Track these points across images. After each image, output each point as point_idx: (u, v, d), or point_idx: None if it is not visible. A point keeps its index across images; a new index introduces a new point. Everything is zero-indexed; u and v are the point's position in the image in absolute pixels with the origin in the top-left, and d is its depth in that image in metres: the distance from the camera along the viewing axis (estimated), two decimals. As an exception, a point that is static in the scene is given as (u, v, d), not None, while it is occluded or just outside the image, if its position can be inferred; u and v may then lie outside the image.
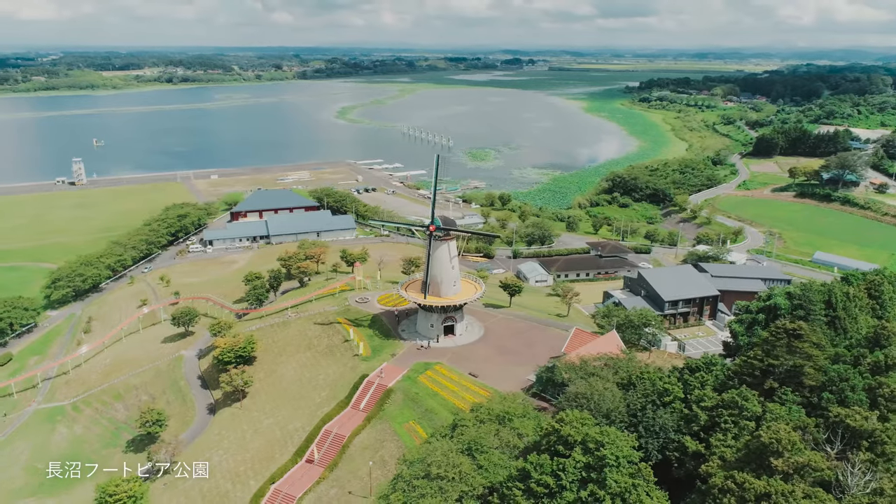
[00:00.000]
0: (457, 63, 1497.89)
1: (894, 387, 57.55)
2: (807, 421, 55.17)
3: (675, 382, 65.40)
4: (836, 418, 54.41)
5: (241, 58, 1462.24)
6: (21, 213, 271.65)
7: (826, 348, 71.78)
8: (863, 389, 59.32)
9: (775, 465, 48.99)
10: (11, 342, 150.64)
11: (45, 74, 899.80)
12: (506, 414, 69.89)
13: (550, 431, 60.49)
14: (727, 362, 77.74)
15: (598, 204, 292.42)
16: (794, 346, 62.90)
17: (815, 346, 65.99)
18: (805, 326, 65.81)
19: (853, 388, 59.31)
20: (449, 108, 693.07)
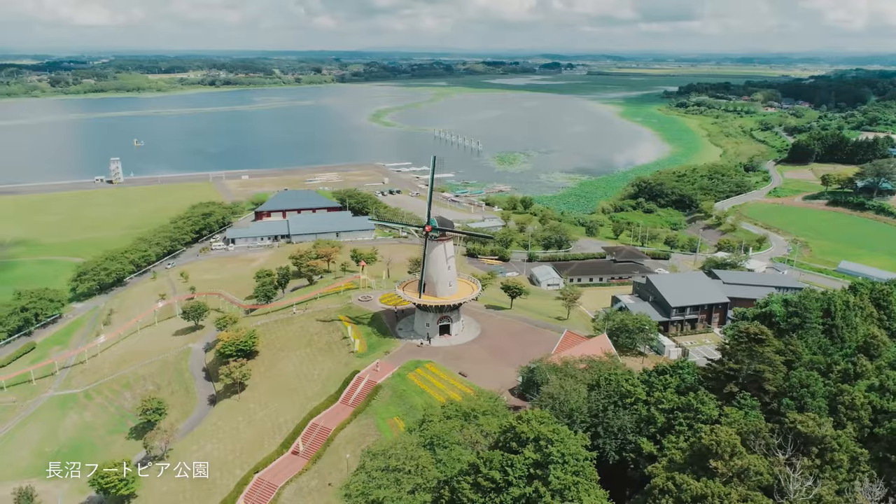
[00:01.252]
0: (494, 67, 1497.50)
1: (855, 395, 56.49)
2: (760, 426, 54.63)
3: (638, 384, 65.31)
4: (791, 424, 53.79)
5: (282, 61, 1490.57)
6: (59, 209, 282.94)
7: (803, 355, 70.64)
8: (823, 396, 58.35)
9: (715, 468, 48.84)
10: (37, 332, 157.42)
11: (95, 77, 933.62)
12: (472, 411, 70.78)
13: (507, 429, 61.17)
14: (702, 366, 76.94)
15: (622, 209, 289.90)
16: (754, 351, 62.16)
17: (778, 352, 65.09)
18: (767, 331, 64.93)
19: (813, 394, 58.38)
20: (483, 112, 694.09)
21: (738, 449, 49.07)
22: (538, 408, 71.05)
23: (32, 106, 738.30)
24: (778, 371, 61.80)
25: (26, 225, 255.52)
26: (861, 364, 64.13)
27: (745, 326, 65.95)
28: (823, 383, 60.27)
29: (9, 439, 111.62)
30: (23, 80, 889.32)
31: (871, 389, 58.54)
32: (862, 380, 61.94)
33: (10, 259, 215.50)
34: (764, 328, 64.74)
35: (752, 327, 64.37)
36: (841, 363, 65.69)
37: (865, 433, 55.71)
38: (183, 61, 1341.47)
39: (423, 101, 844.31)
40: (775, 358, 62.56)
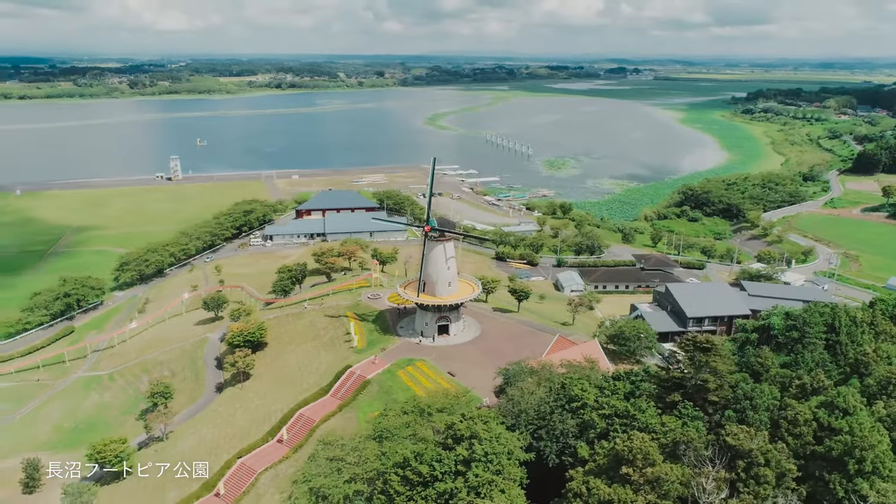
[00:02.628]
0: (558, 71, 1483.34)
1: (800, 411, 54.33)
2: (692, 436, 53.42)
3: (589, 389, 64.69)
4: (727, 435, 52.47)
5: (348, 65, 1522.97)
6: (121, 203, 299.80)
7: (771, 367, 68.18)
8: (766, 410, 56.30)
9: (627, 474, 48.31)
10: (79, 317, 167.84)
11: (170, 80, 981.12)
12: (427, 407, 71.74)
13: (449, 426, 62.12)
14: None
15: (666, 217, 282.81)
16: (698, 361, 60.48)
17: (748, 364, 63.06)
18: (715, 340, 62.96)
19: (755, 407, 56.42)
20: (539, 117, 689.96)
21: (651, 457, 48.32)
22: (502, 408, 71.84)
23: (112, 106, 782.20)
24: (724, 382, 60.00)
25: (89, 217, 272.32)
26: (819, 380, 61.39)
27: (693, 335, 64.31)
28: (773, 397, 58.12)
29: (34, 414, 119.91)
30: (104, 82, 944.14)
31: (823, 406, 56.08)
32: (819, 395, 59.33)
33: (68, 249, 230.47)
34: (711, 338, 62.92)
35: (699, 336, 62.72)
36: (804, 378, 63.06)
37: (808, 450, 53.52)
38: (254, 65, 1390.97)
39: (480, 104, 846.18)
40: (722, 368, 60.73)
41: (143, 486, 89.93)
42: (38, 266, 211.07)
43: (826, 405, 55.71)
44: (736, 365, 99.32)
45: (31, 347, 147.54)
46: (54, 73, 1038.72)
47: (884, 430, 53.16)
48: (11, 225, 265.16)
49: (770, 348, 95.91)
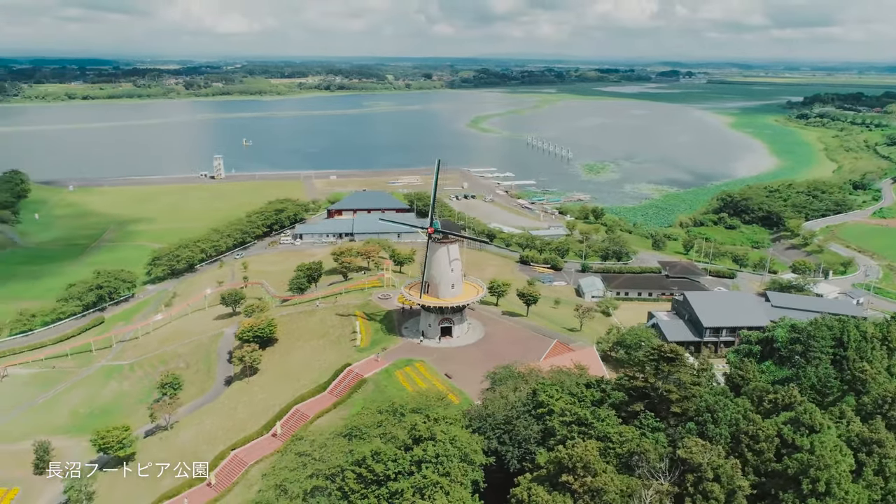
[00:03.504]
0: (608, 74, 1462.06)
1: (762, 426, 52.39)
2: (646, 447, 52.21)
3: (556, 396, 63.86)
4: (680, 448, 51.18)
5: (397, 68, 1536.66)
6: (163, 200, 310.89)
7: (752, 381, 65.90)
8: (728, 424, 54.43)
9: (566, 482, 47.68)
10: (110, 308, 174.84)
11: (223, 81, 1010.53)
12: (400, 408, 72.11)
13: (413, 426, 62.45)
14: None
15: (702, 224, 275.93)
16: (661, 370, 58.89)
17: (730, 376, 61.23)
18: (679, 350, 61.11)
19: (716, 421, 54.62)
20: (584, 120, 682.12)
21: (592, 466, 47.53)
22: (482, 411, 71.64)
23: (167, 107, 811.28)
24: (688, 393, 58.28)
25: (133, 213, 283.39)
26: (790, 395, 58.99)
27: (659, 344, 62.67)
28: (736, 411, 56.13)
29: (56, 400, 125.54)
30: (162, 83, 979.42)
31: (790, 422, 53.94)
32: (789, 411, 57.04)
33: (109, 243, 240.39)
34: (676, 348, 61.17)
35: (665, 346, 61.07)
36: (780, 392, 60.70)
37: (769, 467, 51.62)
38: (306, 67, 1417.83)
39: (526, 108, 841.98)
40: (686, 379, 59.02)
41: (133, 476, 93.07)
42: (80, 258, 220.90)
43: (792, 422, 53.61)
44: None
45: (62, 336, 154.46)
46: (116, 75, 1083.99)
47: (847, 451, 50.86)
48: (62, 218, 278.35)
49: (773, 361, 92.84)
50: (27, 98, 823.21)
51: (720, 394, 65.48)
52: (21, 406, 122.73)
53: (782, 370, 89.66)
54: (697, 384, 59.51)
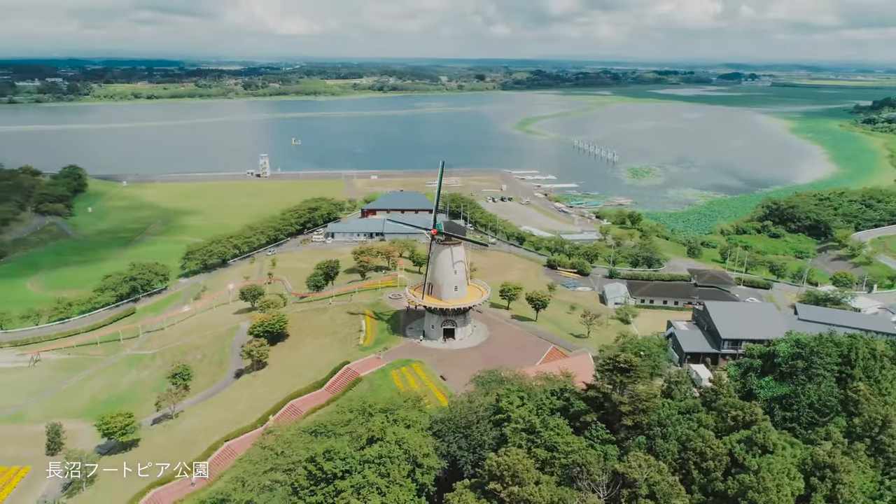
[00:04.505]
0: (666, 76, 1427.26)
1: (711, 444, 50.37)
2: (589, 459, 50.96)
3: (517, 403, 62.93)
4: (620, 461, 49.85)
5: (452, 69, 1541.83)
6: (210, 196, 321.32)
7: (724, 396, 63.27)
8: (677, 440, 52.41)
9: (493, 489, 47.13)
10: (143, 300, 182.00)
11: (280, 81, 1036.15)
12: (369, 408, 72.52)
13: (372, 427, 62.85)
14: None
15: (745, 231, 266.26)
16: (615, 381, 57.06)
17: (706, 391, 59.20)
18: (636, 361, 59.01)
19: (665, 436, 52.68)
20: (635, 123, 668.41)
21: (520, 475, 46.78)
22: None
23: (225, 106, 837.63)
24: (642, 406, 56.41)
25: (179, 209, 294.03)
26: (752, 413, 56.38)
27: (615, 354, 60.83)
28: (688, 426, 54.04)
29: (79, 385, 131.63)
30: (222, 83, 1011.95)
31: (743, 441, 51.63)
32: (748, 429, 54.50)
33: (151, 237, 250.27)
34: (632, 359, 59.16)
35: (620, 356, 59.25)
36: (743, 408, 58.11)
37: (715, 486, 49.60)
38: (361, 68, 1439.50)
39: (578, 110, 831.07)
40: (641, 391, 57.12)
41: (140, 457, 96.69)
42: (123, 251, 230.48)
43: (746, 441, 51.36)
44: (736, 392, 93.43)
45: (95, 325, 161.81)
46: (180, 75, 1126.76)
47: (797, 475, 48.33)
48: (113, 211, 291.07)
49: (773, 377, 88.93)
50: (97, 97, 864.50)
51: (690, 409, 63.53)
52: (47, 390, 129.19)
53: (783, 386, 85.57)
54: (654, 397, 57.62)
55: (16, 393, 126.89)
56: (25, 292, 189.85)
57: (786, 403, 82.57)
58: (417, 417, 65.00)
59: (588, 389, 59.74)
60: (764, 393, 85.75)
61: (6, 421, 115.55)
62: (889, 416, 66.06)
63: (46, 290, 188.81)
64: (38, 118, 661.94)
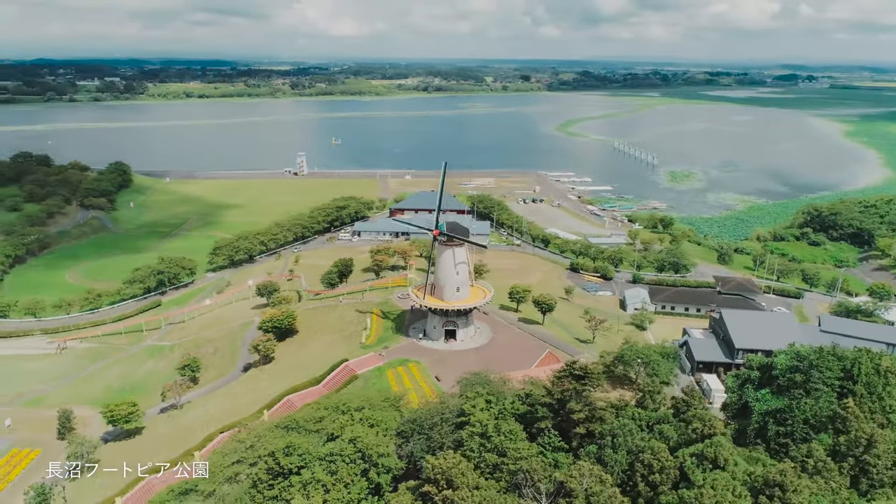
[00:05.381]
0: (718, 78, 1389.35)
1: (660, 456, 48.95)
2: (534, 466, 50.22)
3: (481, 406, 62.45)
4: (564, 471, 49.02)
5: (498, 70, 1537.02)
6: (247, 193, 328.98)
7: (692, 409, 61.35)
8: (627, 450, 51.02)
9: (427, 492, 47.02)
10: (170, 293, 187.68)
11: (326, 82, 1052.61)
12: (342, 405, 73.09)
13: (332, 424, 63.47)
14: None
15: (782, 238, 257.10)
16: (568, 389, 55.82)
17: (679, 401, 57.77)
18: (592, 369, 57.50)
19: (615, 446, 51.35)
20: (681, 125, 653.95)
21: (455, 480, 46.51)
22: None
23: (272, 105, 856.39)
24: (596, 414, 55.14)
25: (216, 205, 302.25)
26: (711, 425, 54.43)
27: (572, 361, 59.48)
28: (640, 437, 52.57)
29: (98, 373, 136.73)
30: (270, 83, 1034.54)
31: (694, 455, 49.98)
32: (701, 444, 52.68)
33: (185, 232, 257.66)
34: (589, 367, 57.74)
35: (577, 363, 57.94)
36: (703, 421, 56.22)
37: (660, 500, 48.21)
38: (408, 69, 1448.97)
39: (624, 111, 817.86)
40: (595, 399, 55.81)
41: (140, 446, 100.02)
42: (158, 245, 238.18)
43: (698, 455, 49.75)
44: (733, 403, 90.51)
45: (121, 315, 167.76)
46: (231, 75, 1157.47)
47: (744, 492, 46.48)
48: (154, 207, 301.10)
49: (770, 390, 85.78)
50: (151, 96, 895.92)
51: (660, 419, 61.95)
52: (68, 377, 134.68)
53: (779, 400, 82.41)
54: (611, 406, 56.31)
55: (39, 379, 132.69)
56: (64, 282, 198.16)
57: (780, 418, 79.67)
58: (382, 417, 65.22)
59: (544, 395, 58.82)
60: (759, 406, 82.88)
61: (26, 405, 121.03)
62: (875, 435, 63.04)
63: (83, 281, 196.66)
64: (95, 116, 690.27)
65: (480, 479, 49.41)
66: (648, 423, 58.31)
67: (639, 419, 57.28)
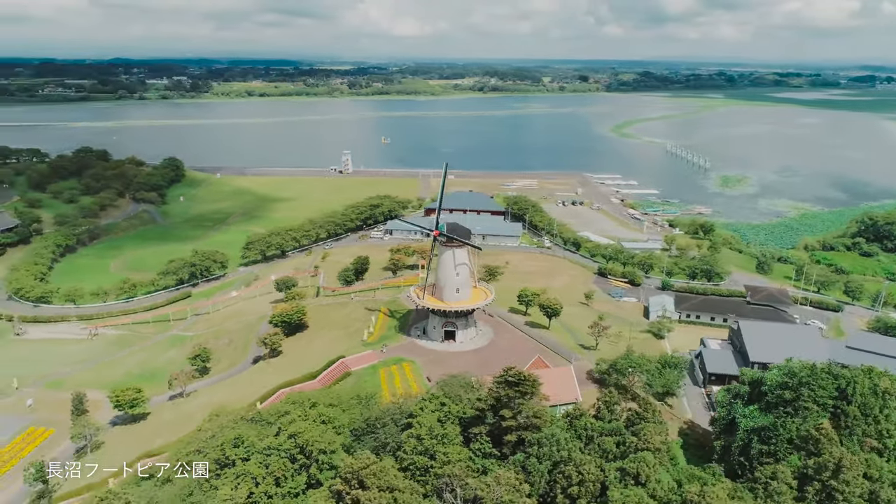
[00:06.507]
0: (788, 79, 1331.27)
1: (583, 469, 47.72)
2: (455, 472, 49.81)
3: (430, 409, 62.23)
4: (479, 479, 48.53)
5: (557, 70, 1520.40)
6: (293, 189, 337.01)
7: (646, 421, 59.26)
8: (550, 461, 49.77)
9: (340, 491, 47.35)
10: (202, 285, 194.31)
11: (383, 81, 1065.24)
12: (308, 400, 74.13)
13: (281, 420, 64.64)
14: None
15: (832, 248, 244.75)
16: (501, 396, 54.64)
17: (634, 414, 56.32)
18: (527, 376, 56.00)
19: (539, 457, 50.15)
20: (741, 128, 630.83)
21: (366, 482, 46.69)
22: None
23: (329, 105, 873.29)
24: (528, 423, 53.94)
25: (262, 200, 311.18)
26: (646, 440, 52.45)
27: (508, 367, 58.19)
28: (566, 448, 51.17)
29: (121, 360, 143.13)
30: (328, 83, 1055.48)
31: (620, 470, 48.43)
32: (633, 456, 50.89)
33: (226, 227, 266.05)
34: (526, 374, 56.33)
35: (512, 369, 56.66)
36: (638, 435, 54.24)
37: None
38: (466, 68, 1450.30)
39: (682, 113, 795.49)
40: (527, 407, 54.55)
41: (142, 431, 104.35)
42: (200, 238, 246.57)
43: (621, 469, 48.26)
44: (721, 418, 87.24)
45: (153, 305, 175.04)
46: (293, 74, 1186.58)
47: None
48: (202, 201, 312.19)
49: (759, 406, 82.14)
50: (215, 95, 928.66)
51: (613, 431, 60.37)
52: (92, 361, 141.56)
53: (766, 417, 78.80)
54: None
55: (66, 362, 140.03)
56: (107, 272, 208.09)
57: (764, 436, 76.39)
58: (335, 414, 65.90)
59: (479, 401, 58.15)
60: (745, 422, 79.91)
61: (49, 386, 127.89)
62: (843, 460, 59.51)
63: (125, 271, 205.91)
64: (160, 113, 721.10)
65: (405, 481, 49.40)
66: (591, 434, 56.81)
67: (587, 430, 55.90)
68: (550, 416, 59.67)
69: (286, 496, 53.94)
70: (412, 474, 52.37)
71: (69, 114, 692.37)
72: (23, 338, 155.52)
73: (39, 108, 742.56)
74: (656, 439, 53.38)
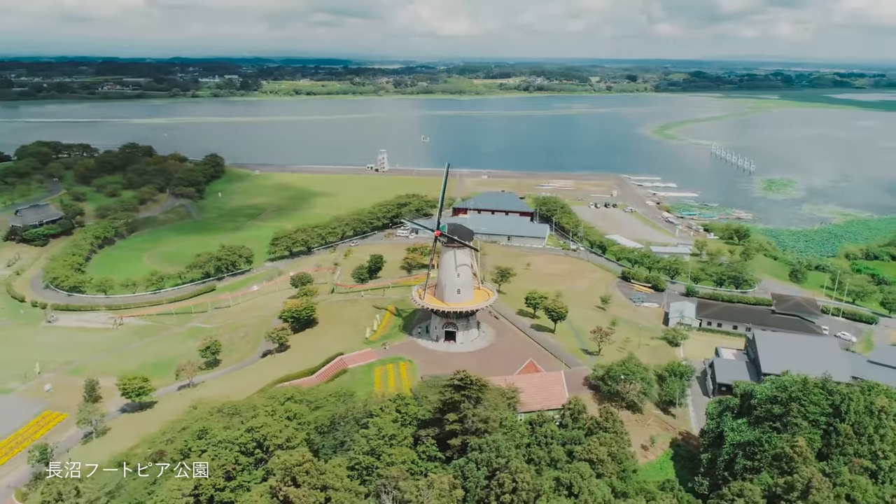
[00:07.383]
0: (849, 79, 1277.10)
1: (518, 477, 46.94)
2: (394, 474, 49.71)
3: (389, 408, 62.30)
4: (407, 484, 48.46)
5: (607, 69, 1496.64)
6: (328, 187, 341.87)
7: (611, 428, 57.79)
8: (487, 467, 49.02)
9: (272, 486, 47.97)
10: (227, 279, 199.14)
11: (428, 81, 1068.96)
12: (282, 396, 75.13)
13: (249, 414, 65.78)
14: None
15: (876, 257, 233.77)
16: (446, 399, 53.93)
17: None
18: (480, 380, 55.00)
19: (477, 462, 49.41)
20: (792, 130, 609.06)
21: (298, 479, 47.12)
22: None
23: (375, 103, 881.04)
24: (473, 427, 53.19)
25: (297, 196, 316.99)
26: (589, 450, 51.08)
27: (460, 370, 57.33)
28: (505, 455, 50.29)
29: (141, 349, 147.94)
30: (374, 81, 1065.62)
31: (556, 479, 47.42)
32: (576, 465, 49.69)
33: (258, 223, 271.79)
34: (472, 375, 55.39)
35: (461, 373, 55.87)
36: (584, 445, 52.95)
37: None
38: (514, 68, 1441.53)
39: (733, 114, 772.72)
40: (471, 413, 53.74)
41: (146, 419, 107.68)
42: (231, 233, 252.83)
43: (556, 479, 47.30)
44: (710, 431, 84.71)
45: (178, 297, 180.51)
46: (340, 73, 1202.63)
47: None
48: (239, 197, 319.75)
49: (747, 420, 79.28)
50: (264, 93, 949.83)
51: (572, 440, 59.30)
52: (113, 350, 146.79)
53: (753, 431, 75.96)
54: (491, 420, 54.28)
55: (89, 350, 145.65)
56: (141, 263, 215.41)
57: (749, 451, 73.81)
58: (301, 411, 66.62)
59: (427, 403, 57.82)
60: (732, 436, 77.51)
61: (69, 373, 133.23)
62: (813, 481, 56.83)
63: (157, 264, 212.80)
64: (210, 111, 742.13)
65: (344, 481, 49.66)
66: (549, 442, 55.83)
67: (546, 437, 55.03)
68: (512, 422, 59.10)
69: (237, 489, 54.96)
70: (359, 474, 52.58)
71: (125, 110, 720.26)
72: (53, 325, 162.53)
73: (98, 105, 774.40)
74: (601, 450, 52.09)
